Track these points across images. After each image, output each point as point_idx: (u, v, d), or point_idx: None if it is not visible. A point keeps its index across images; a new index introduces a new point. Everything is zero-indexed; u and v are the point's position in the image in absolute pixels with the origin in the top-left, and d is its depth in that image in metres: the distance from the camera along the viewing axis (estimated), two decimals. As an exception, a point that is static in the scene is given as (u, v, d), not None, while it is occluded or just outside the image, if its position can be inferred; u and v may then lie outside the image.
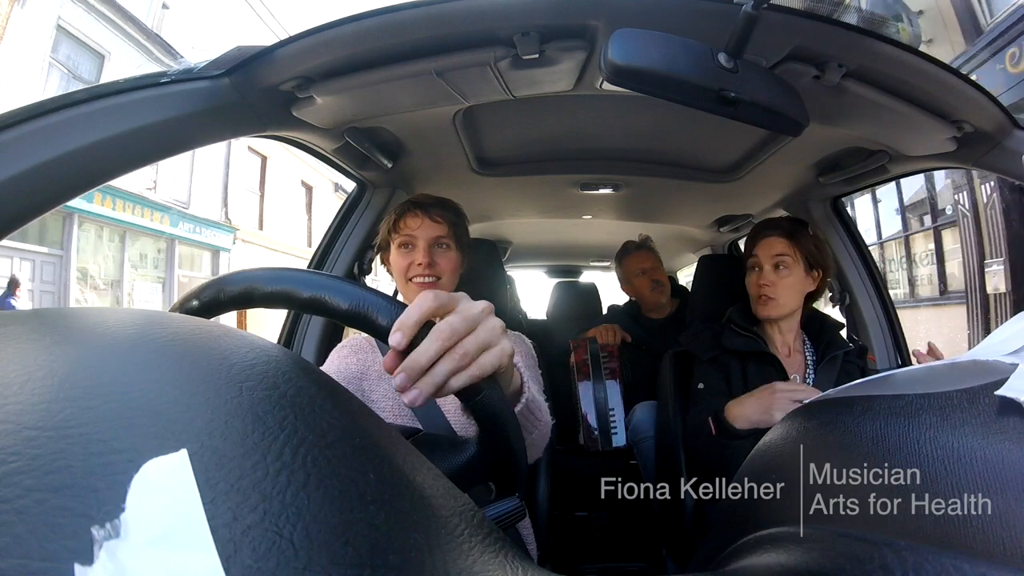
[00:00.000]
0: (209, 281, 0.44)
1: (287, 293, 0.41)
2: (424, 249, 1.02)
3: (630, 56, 0.54)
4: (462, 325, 0.40)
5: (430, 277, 1.02)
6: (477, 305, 0.43)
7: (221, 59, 0.72)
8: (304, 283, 0.41)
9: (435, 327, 0.39)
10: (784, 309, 1.18)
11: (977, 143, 0.88)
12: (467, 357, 0.39)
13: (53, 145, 0.56)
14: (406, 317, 0.39)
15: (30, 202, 0.57)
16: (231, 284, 0.43)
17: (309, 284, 0.41)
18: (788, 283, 1.16)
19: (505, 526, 0.42)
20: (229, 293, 0.43)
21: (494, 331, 0.42)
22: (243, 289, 0.42)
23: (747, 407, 1.08)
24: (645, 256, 1.94)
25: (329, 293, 0.40)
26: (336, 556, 0.20)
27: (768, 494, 0.38)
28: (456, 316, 0.40)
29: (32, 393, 0.21)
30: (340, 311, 0.40)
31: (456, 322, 0.40)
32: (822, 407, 0.40)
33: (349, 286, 0.41)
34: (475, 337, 0.40)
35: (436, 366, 0.39)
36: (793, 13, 0.68)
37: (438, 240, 1.04)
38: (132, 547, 0.17)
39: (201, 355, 0.27)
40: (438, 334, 0.39)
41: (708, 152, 1.38)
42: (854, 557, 0.26)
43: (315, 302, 0.40)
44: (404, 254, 1.04)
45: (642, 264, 1.93)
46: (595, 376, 1.72)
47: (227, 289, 0.43)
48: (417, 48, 0.75)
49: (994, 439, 0.27)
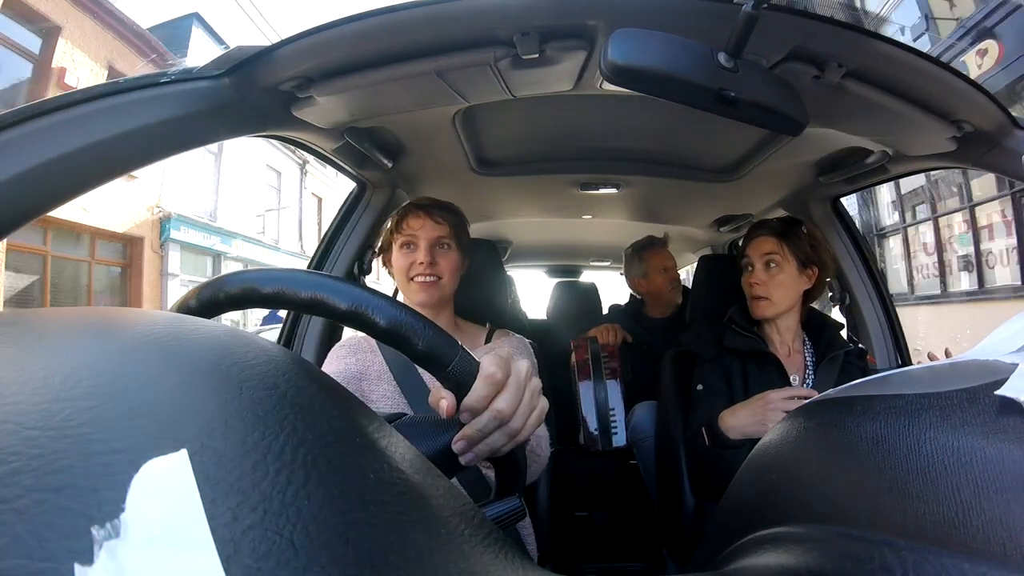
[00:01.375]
0: (208, 281, 0.44)
1: (286, 293, 0.41)
2: (426, 249, 1.03)
3: (630, 56, 0.54)
4: (516, 398, 0.43)
5: (431, 276, 1.03)
6: (523, 366, 0.46)
7: (221, 59, 0.72)
8: (303, 283, 0.41)
9: (495, 406, 0.42)
10: (778, 308, 1.18)
11: (977, 143, 0.88)
12: (517, 431, 0.44)
13: (53, 145, 0.56)
14: (477, 403, 0.42)
15: (30, 203, 0.57)
16: (230, 285, 0.43)
17: (308, 284, 0.41)
18: (779, 281, 1.17)
19: (505, 526, 0.42)
20: (229, 293, 0.43)
21: (535, 394, 0.46)
22: (242, 289, 0.42)
23: (740, 417, 1.09)
24: (668, 254, 1.95)
25: (328, 293, 0.40)
26: (336, 556, 0.20)
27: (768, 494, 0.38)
28: (511, 392, 0.43)
29: (32, 393, 0.21)
30: (339, 311, 0.40)
31: (512, 399, 0.43)
32: (822, 407, 0.40)
33: (348, 286, 0.41)
34: (525, 406, 0.44)
35: (491, 437, 0.43)
36: (793, 13, 0.68)
37: (439, 240, 1.05)
38: (132, 547, 0.17)
39: (201, 355, 0.27)
40: (497, 414, 0.42)
41: (708, 152, 1.38)
42: (854, 557, 0.26)
43: (314, 302, 0.40)
44: (406, 254, 1.05)
45: (665, 262, 1.94)
46: (595, 376, 1.72)
47: (226, 289, 0.43)
48: (417, 48, 0.75)
49: (994, 439, 0.27)
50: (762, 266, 1.19)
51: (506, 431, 0.43)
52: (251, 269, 0.44)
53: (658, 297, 1.96)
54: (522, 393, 0.44)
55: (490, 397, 0.42)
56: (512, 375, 0.44)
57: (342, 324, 0.41)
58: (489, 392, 0.42)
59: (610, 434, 1.69)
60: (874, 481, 0.29)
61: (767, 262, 1.18)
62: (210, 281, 0.44)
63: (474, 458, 0.43)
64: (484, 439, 0.43)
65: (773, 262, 1.18)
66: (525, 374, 0.45)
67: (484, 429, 0.42)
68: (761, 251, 1.19)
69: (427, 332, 0.39)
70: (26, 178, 0.54)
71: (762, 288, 1.18)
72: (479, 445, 0.43)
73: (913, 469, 0.28)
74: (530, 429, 0.45)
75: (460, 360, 0.41)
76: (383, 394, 0.96)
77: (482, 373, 0.42)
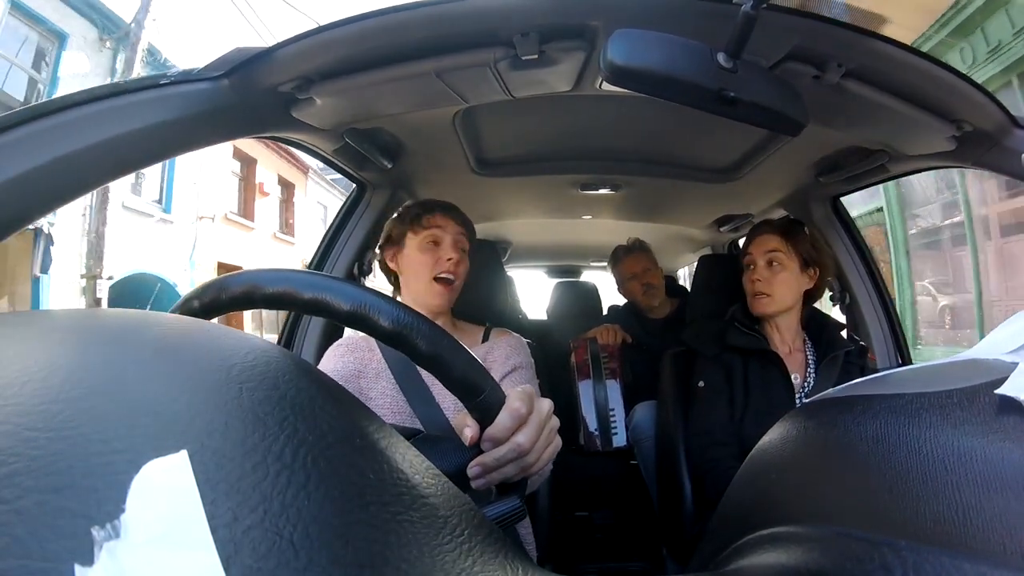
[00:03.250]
0: (210, 282, 0.44)
1: (288, 294, 0.41)
2: (453, 245, 1.01)
3: (630, 56, 0.54)
4: (536, 435, 0.45)
5: (453, 277, 1.01)
6: (544, 406, 0.48)
7: (220, 61, 0.72)
8: (305, 284, 0.41)
9: (515, 440, 0.44)
10: (779, 306, 1.18)
11: (977, 142, 0.88)
12: (530, 466, 0.45)
13: (53, 147, 0.56)
14: (500, 434, 0.43)
15: (31, 203, 0.57)
16: (232, 285, 0.43)
17: (310, 285, 0.41)
18: (782, 279, 1.17)
19: (505, 526, 0.42)
20: (231, 294, 0.43)
21: (553, 431, 0.48)
22: (244, 290, 0.42)
23: None
24: (636, 260, 1.95)
25: (331, 294, 0.40)
26: (336, 556, 0.20)
27: (768, 494, 0.38)
28: (532, 428, 0.45)
29: (32, 394, 0.21)
30: (342, 312, 0.40)
31: (532, 435, 0.44)
32: (822, 407, 0.40)
33: (351, 287, 0.41)
34: (542, 443, 0.46)
35: (506, 467, 0.44)
36: (793, 13, 0.68)
37: (459, 241, 1.04)
38: (132, 548, 0.17)
39: (201, 356, 0.27)
40: (516, 447, 0.43)
41: (708, 152, 1.38)
42: (854, 557, 0.26)
43: (316, 303, 0.41)
44: (429, 251, 1.01)
45: (632, 268, 1.94)
46: (595, 376, 1.72)
47: (229, 290, 0.43)
48: (417, 49, 0.75)
49: (994, 438, 0.27)
50: (765, 263, 1.19)
51: (521, 463, 0.44)
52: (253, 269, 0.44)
53: (637, 303, 1.97)
54: (542, 430, 0.46)
55: (512, 430, 0.43)
56: (535, 412, 0.46)
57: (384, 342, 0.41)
58: (512, 425, 0.43)
59: (610, 434, 1.69)
60: (874, 481, 0.29)
61: (770, 260, 1.18)
62: (212, 281, 0.44)
63: (485, 484, 0.44)
64: (499, 468, 0.44)
65: (776, 260, 1.18)
66: (547, 412, 0.47)
67: (501, 459, 0.43)
68: (765, 248, 1.19)
69: (462, 360, 0.41)
70: (26, 179, 0.55)
71: (764, 285, 1.18)
72: (493, 473, 0.44)
73: (913, 469, 0.28)
74: (543, 464, 0.47)
75: (490, 392, 0.42)
76: (382, 392, 0.95)
77: (508, 406, 0.43)
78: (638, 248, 1.97)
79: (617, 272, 2.00)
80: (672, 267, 2.85)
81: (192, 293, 0.45)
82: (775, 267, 1.18)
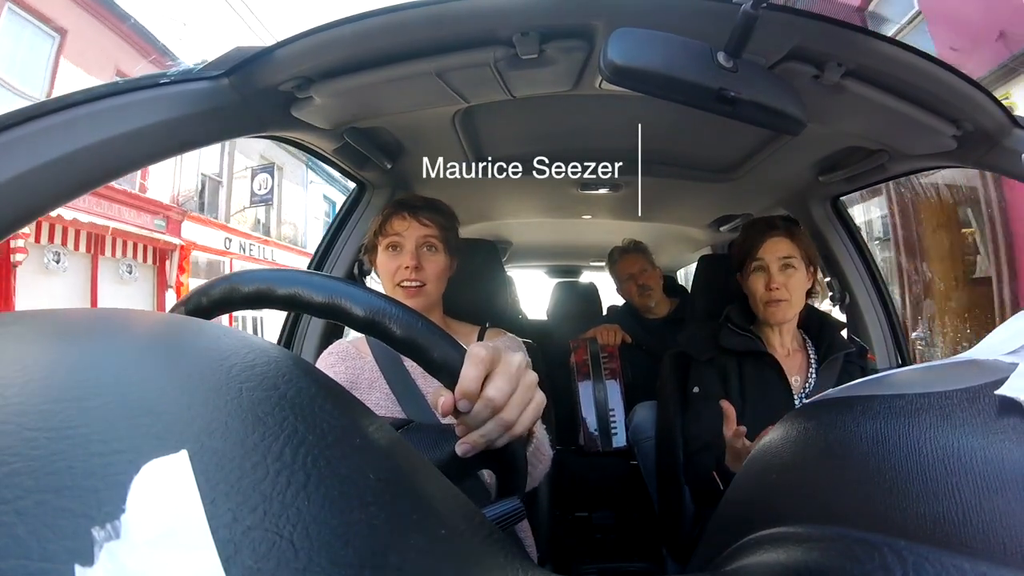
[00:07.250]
0: (215, 280, 0.44)
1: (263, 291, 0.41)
2: (412, 252, 0.99)
3: (629, 56, 0.54)
4: (507, 387, 0.43)
5: (416, 282, 0.99)
6: (516, 358, 0.45)
7: (220, 60, 0.73)
8: (281, 280, 0.41)
9: (485, 395, 0.42)
10: (795, 310, 1.17)
11: (977, 142, 0.88)
12: (512, 423, 0.43)
13: (54, 146, 0.56)
14: (468, 384, 0.41)
15: (31, 203, 0.57)
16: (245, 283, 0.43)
17: (285, 280, 0.41)
18: (795, 283, 1.15)
19: (505, 527, 0.42)
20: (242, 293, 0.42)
21: (531, 387, 0.46)
22: (255, 290, 0.42)
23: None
24: (632, 260, 1.95)
25: (303, 288, 0.40)
26: (336, 557, 0.20)
27: (768, 494, 0.38)
28: (501, 379, 0.43)
29: (32, 394, 0.21)
30: (316, 305, 0.40)
31: (503, 387, 0.43)
32: (822, 407, 0.40)
33: (322, 279, 0.41)
34: (519, 398, 0.44)
35: (485, 426, 0.43)
36: (793, 13, 0.69)
37: (426, 242, 1.01)
38: (132, 548, 0.17)
39: (201, 356, 0.27)
40: (488, 402, 0.42)
41: (707, 151, 1.38)
42: (854, 557, 0.26)
43: (291, 298, 0.41)
44: (391, 257, 1.01)
45: (628, 269, 1.94)
46: (595, 376, 1.72)
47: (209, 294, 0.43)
48: (417, 48, 0.75)
49: (994, 439, 0.27)
50: (778, 268, 1.16)
51: (499, 421, 0.43)
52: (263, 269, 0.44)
53: (634, 304, 1.97)
54: (514, 384, 0.44)
55: (480, 379, 0.42)
56: (501, 363, 0.44)
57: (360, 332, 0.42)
58: (478, 372, 0.42)
59: (610, 435, 1.69)
60: (874, 481, 0.29)
61: (784, 264, 1.15)
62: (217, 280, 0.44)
63: (470, 449, 0.43)
64: (480, 430, 0.43)
65: (791, 264, 1.15)
66: (517, 365, 0.45)
67: (476, 416, 0.42)
68: (778, 253, 1.16)
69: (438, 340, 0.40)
70: (27, 178, 0.55)
71: (782, 291, 1.14)
72: (473, 434, 0.43)
73: (913, 469, 0.28)
74: (526, 422, 0.44)
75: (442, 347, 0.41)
76: (376, 403, 0.94)
77: (468, 355, 0.42)
78: (634, 249, 1.97)
79: (614, 273, 2.01)
80: (672, 267, 2.85)
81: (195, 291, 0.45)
82: (789, 272, 1.15)
